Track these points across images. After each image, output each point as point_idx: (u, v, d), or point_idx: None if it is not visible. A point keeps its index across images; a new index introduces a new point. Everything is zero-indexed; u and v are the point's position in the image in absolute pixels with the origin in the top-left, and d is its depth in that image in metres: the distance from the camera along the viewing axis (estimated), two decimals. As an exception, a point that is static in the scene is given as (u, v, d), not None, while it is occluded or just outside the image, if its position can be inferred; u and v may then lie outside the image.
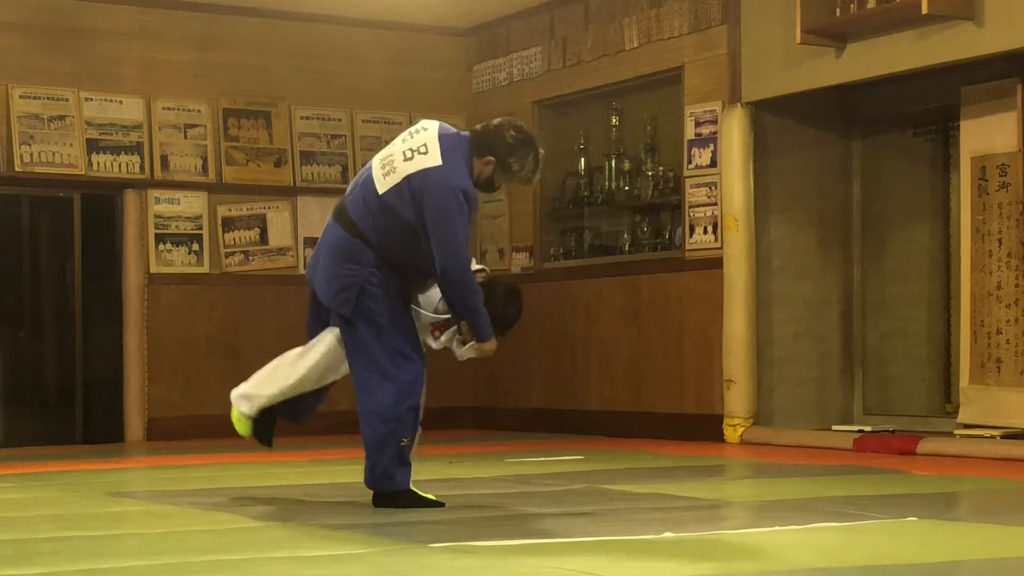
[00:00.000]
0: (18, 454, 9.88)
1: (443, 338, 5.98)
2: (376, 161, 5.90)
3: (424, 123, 5.90)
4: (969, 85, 9.35)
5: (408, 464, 5.88)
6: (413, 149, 5.76)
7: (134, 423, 11.22)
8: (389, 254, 5.83)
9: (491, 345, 5.86)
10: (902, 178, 10.39)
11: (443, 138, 5.78)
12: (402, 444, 5.82)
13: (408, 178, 5.71)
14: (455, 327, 5.95)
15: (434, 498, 5.95)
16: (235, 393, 6.19)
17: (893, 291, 10.44)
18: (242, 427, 6.23)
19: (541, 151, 5.92)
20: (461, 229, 5.68)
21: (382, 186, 5.79)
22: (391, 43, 12.05)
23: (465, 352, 5.96)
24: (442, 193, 5.66)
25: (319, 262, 6.03)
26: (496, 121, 5.89)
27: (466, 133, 5.91)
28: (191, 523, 5.61)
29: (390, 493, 5.89)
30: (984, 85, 9.25)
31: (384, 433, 5.81)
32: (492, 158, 5.80)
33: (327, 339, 6.05)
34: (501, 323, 5.96)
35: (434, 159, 5.71)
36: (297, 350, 6.14)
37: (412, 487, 5.92)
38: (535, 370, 11.61)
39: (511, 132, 5.84)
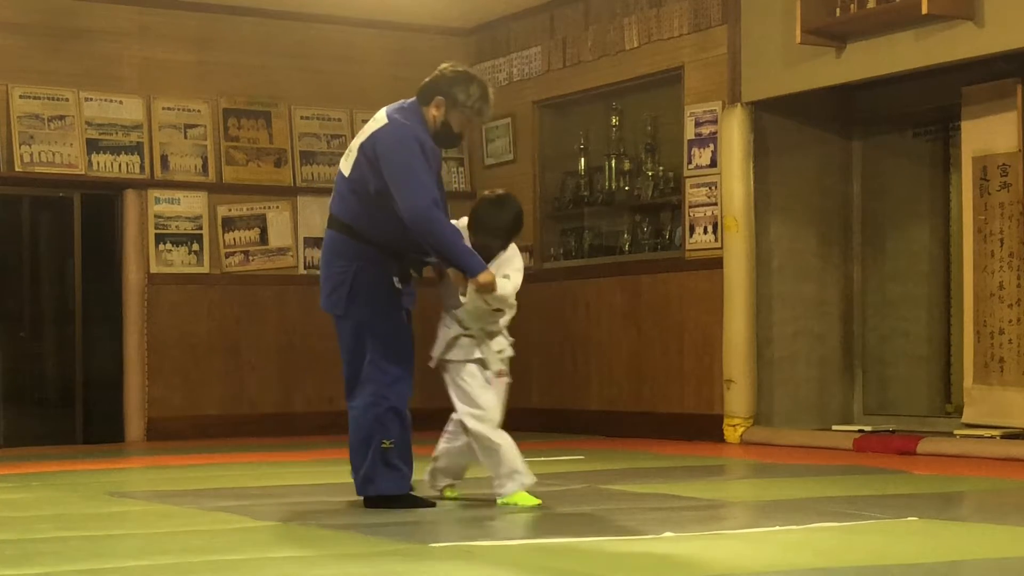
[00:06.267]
0: (18, 454, 9.87)
1: (468, 293, 5.85)
2: (342, 158, 6.10)
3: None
4: (969, 85, 9.35)
5: (394, 467, 5.82)
6: (365, 128, 5.97)
7: (134, 423, 11.22)
8: (377, 235, 5.85)
9: (487, 277, 5.72)
10: (902, 178, 10.39)
11: (390, 109, 5.96)
12: (383, 447, 5.79)
13: (362, 147, 5.87)
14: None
15: (427, 498, 5.98)
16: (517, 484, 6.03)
17: (893, 291, 10.44)
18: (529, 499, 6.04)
19: (485, 81, 6.06)
20: (419, 171, 5.72)
21: (346, 169, 5.95)
22: (391, 43, 12.06)
23: (471, 300, 5.82)
24: (393, 144, 5.77)
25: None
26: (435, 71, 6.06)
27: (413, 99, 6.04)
28: (191, 523, 5.61)
29: (375, 497, 5.87)
30: (984, 85, 9.25)
31: (362, 436, 5.82)
32: (440, 97, 5.91)
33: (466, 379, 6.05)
34: (505, 231, 5.95)
35: (381, 122, 5.89)
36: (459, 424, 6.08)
37: (407, 490, 5.88)
38: (535, 370, 11.62)
39: (449, 69, 6.00)
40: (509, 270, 5.98)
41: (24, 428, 11.10)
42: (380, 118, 5.91)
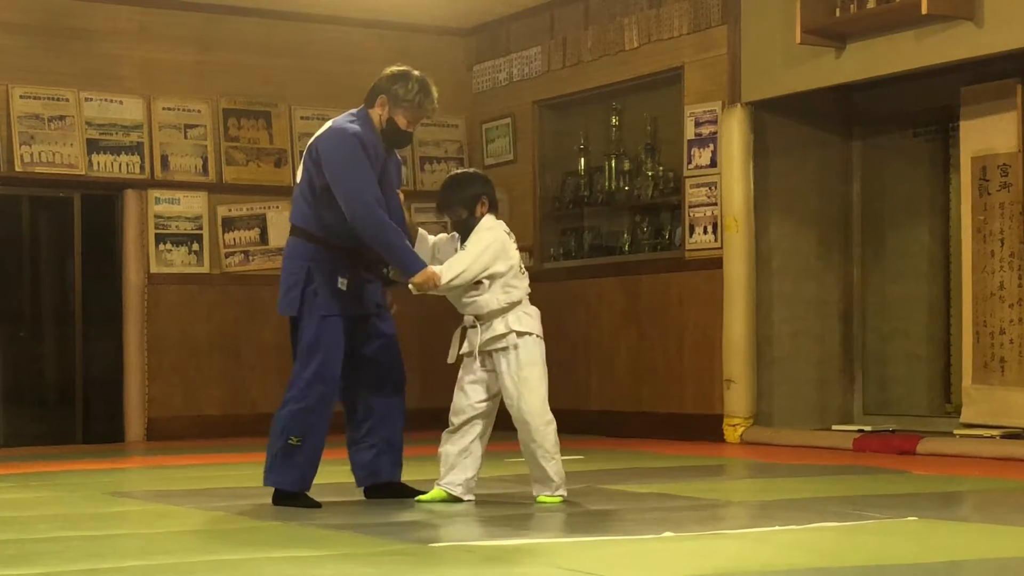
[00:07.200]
0: (18, 454, 9.87)
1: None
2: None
3: None
4: (969, 85, 9.35)
5: (295, 466, 6.02)
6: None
7: (134, 423, 11.22)
8: (327, 234, 6.03)
9: (421, 278, 5.87)
10: (902, 178, 10.39)
11: (338, 118, 6.17)
12: (289, 443, 6.03)
13: (308, 151, 6.10)
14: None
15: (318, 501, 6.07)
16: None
17: (893, 291, 10.44)
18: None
19: (425, 78, 6.24)
20: (359, 169, 5.94)
21: (297, 177, 6.19)
22: (391, 43, 12.04)
23: (414, 289, 5.94)
24: (333, 144, 6.00)
25: None
26: None
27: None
28: (191, 523, 5.61)
29: (277, 494, 6.05)
30: (984, 85, 9.25)
31: (275, 430, 6.11)
32: (382, 96, 6.13)
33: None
34: (467, 201, 6.04)
35: (324, 127, 6.14)
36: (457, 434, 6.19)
37: (301, 491, 6.04)
38: (535, 370, 11.59)
39: (389, 70, 6.23)
40: (468, 244, 6.02)
41: (24, 428, 11.10)
42: (325, 125, 6.17)
